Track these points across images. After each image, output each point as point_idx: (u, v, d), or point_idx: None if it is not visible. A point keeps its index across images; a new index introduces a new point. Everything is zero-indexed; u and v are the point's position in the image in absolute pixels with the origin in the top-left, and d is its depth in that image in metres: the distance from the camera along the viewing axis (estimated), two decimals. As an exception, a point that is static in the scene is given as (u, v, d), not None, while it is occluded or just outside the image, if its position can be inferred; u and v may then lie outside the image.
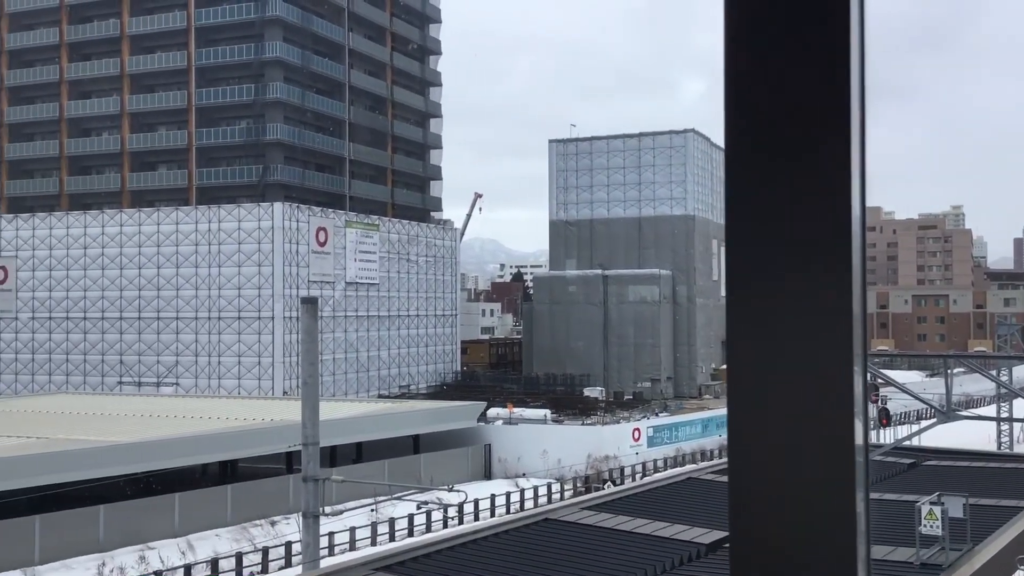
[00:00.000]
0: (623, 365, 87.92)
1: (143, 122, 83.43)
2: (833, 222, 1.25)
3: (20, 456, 39.26)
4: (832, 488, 1.22)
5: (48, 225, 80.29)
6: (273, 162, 78.98)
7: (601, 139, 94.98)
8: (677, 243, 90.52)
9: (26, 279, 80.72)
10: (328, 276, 77.44)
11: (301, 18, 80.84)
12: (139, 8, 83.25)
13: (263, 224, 73.40)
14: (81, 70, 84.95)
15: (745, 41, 1.29)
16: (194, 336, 75.27)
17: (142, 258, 77.00)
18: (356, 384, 79.88)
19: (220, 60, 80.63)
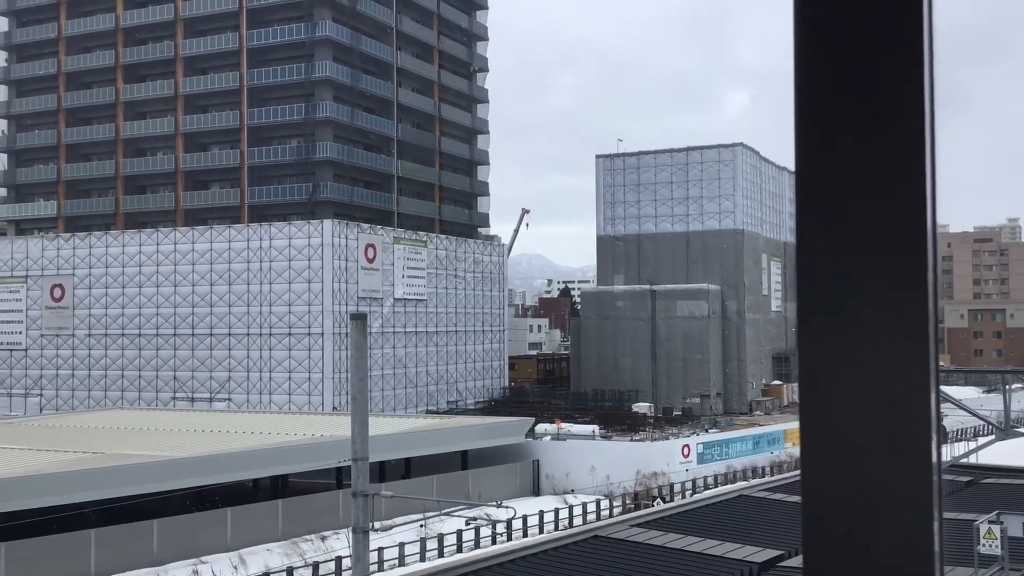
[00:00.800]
0: (672, 381, 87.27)
1: (196, 142, 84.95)
2: (908, 236, 1.22)
3: (76, 471, 40.00)
4: (911, 508, 1.18)
5: (104, 244, 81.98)
6: (323, 180, 79.91)
7: (648, 154, 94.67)
8: (726, 258, 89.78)
9: (83, 297, 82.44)
10: (377, 292, 78.03)
11: (350, 38, 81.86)
12: (192, 30, 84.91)
13: (313, 241, 74.25)
14: (136, 91, 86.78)
15: (816, 53, 1.25)
16: (246, 352, 76.25)
17: (195, 275, 78.28)
18: (404, 400, 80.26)
19: (271, 80, 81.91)
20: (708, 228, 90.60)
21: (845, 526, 1.22)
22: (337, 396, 72.85)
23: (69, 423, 60.34)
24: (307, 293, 74.39)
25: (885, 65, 1.22)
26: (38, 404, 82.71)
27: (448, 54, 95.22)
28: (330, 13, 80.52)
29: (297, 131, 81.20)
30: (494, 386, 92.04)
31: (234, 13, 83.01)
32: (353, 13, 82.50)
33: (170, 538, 40.44)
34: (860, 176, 1.26)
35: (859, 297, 1.25)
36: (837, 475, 1.24)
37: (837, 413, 1.25)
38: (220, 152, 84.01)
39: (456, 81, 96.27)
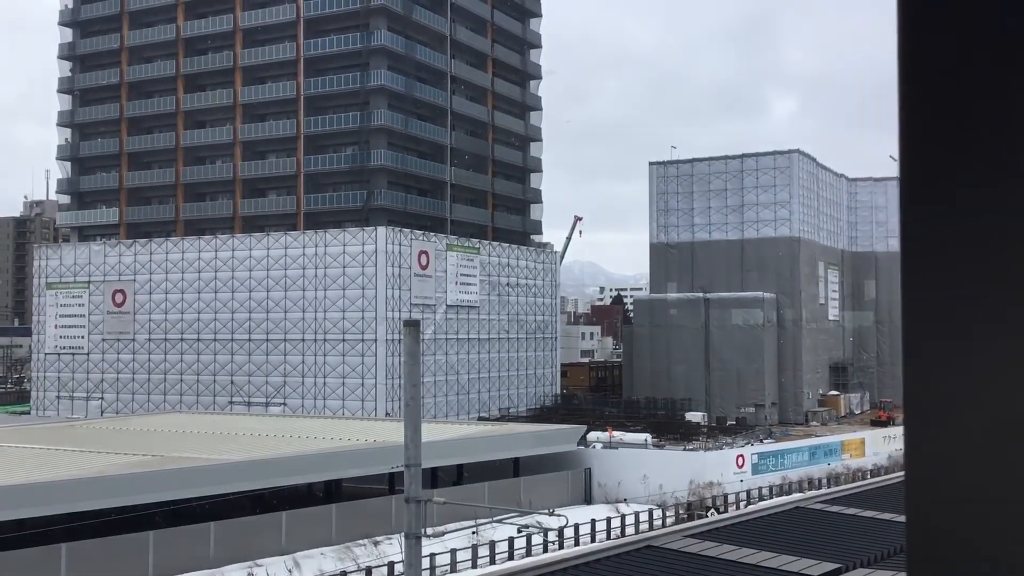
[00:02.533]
0: (725, 390, 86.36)
1: (254, 150, 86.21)
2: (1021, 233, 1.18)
3: (136, 473, 40.75)
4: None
5: (164, 250, 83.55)
6: (377, 187, 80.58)
7: (702, 161, 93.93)
8: (782, 266, 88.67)
9: (143, 302, 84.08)
10: (429, 299, 78.44)
11: (405, 47, 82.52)
12: (251, 40, 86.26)
13: (367, 248, 74.90)
14: (196, 101, 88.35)
15: (923, 53, 1.21)
16: (301, 357, 77.13)
17: (252, 281, 79.41)
18: (456, 406, 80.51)
19: (327, 89, 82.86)
20: (763, 236, 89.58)
21: (955, 535, 1.17)
22: (390, 402, 73.33)
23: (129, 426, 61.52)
24: (361, 299, 75.04)
25: (1000, 69, 1.17)
26: (99, 407, 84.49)
27: (502, 62, 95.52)
28: (386, 22, 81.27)
29: (352, 139, 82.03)
30: (546, 393, 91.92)
31: (292, 23, 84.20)
32: (408, 22, 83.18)
33: (226, 541, 40.98)
34: (971, 168, 1.22)
35: (970, 293, 1.21)
36: (947, 484, 1.18)
37: (948, 419, 1.20)
38: (277, 160, 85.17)
39: (509, 88, 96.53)
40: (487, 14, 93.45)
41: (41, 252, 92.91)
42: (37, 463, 42.98)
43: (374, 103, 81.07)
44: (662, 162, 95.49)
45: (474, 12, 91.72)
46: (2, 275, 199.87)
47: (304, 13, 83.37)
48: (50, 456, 45.34)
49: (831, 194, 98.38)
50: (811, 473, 60.97)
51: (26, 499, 36.23)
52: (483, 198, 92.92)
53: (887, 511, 22.97)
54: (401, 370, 68.19)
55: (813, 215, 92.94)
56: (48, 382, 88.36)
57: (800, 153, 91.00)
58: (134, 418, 70.32)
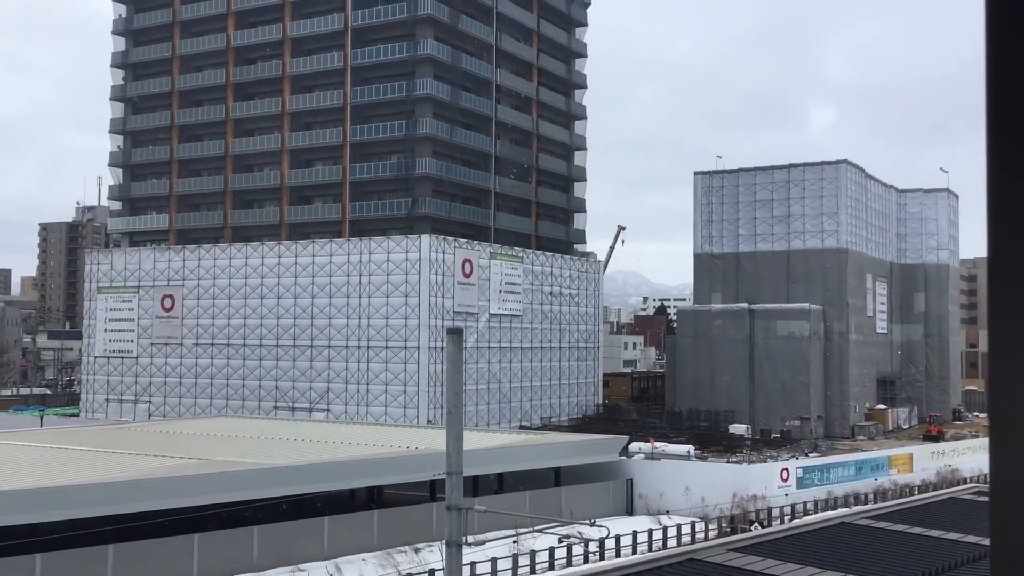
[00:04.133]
0: (770, 402, 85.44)
1: (301, 158, 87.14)
2: None
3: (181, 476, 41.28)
4: None
5: (212, 256, 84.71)
6: (422, 195, 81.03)
7: (748, 171, 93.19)
8: (829, 277, 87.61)
9: (191, 307, 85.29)
10: (472, 307, 78.63)
11: (451, 56, 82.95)
12: (300, 50, 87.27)
13: (411, 256, 75.31)
14: (245, 109, 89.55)
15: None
16: (344, 364, 77.69)
17: (297, 288, 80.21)
18: (498, 414, 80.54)
19: (373, 98, 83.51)
20: (810, 247, 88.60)
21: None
22: (432, 409, 73.56)
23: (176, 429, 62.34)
24: (404, 307, 75.44)
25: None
26: (147, 410, 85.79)
27: (547, 71, 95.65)
28: (432, 32, 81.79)
29: (398, 147, 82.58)
30: (588, 403, 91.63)
31: (339, 33, 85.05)
32: (454, 32, 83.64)
33: (269, 544, 41.34)
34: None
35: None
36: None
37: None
38: (323, 168, 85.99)
39: (554, 98, 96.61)
40: (533, 24, 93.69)
41: (93, 257, 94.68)
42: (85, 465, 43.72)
43: (420, 112, 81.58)
44: (707, 172, 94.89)
45: (520, 22, 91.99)
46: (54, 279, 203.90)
47: (352, 23, 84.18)
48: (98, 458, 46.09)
49: (880, 205, 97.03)
50: (857, 488, 60.04)
51: (75, 500, 36.84)
52: (527, 207, 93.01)
53: (936, 528, 22.54)
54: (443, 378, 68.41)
55: (861, 226, 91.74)
56: (97, 385, 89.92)
57: (848, 164, 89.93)
58: (181, 421, 71.27)
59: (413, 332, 74.91)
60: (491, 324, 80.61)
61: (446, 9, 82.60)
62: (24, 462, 45.00)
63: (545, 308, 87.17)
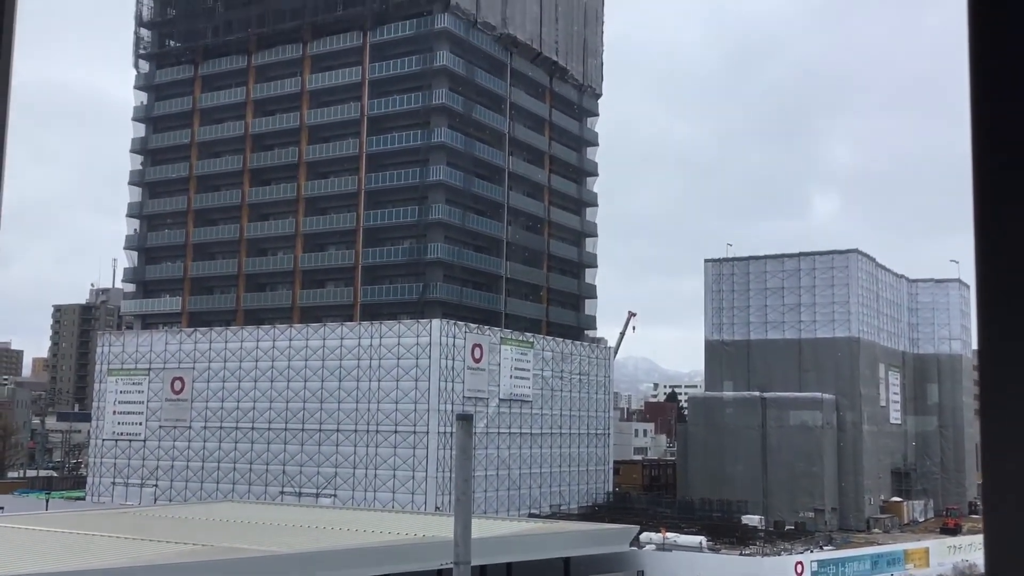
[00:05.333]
0: (784, 493, 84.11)
1: (315, 242, 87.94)
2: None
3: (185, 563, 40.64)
4: None
5: (224, 339, 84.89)
6: (433, 280, 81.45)
7: (759, 259, 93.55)
8: (841, 366, 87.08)
9: (201, 390, 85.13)
10: (482, 392, 78.29)
11: (464, 144, 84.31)
12: (316, 137, 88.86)
13: (421, 340, 75.33)
14: (261, 194, 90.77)
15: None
16: (352, 448, 77.12)
17: (307, 371, 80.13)
18: (507, 501, 79.46)
19: (387, 184, 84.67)
20: (821, 336, 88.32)
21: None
22: (440, 495, 72.65)
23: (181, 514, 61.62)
24: (414, 391, 75.17)
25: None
26: (153, 495, 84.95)
27: (558, 159, 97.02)
28: (446, 121, 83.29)
29: (410, 232, 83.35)
30: (598, 491, 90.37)
31: (356, 121, 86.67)
32: (468, 120, 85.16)
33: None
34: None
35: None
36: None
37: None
38: (336, 252, 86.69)
39: (566, 185, 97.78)
40: (545, 113, 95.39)
41: (105, 339, 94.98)
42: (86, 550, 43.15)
43: (432, 198, 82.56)
44: (717, 259, 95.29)
45: (533, 111, 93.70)
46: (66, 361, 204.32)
47: (368, 112, 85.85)
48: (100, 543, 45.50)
49: (891, 295, 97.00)
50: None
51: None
52: (538, 292, 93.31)
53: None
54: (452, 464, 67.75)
55: (873, 315, 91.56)
56: (104, 468, 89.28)
57: (858, 253, 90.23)
58: (186, 506, 70.49)
59: (422, 417, 74.48)
60: (501, 409, 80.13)
61: (460, 99, 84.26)
62: (25, 547, 44.45)
63: (555, 394, 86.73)
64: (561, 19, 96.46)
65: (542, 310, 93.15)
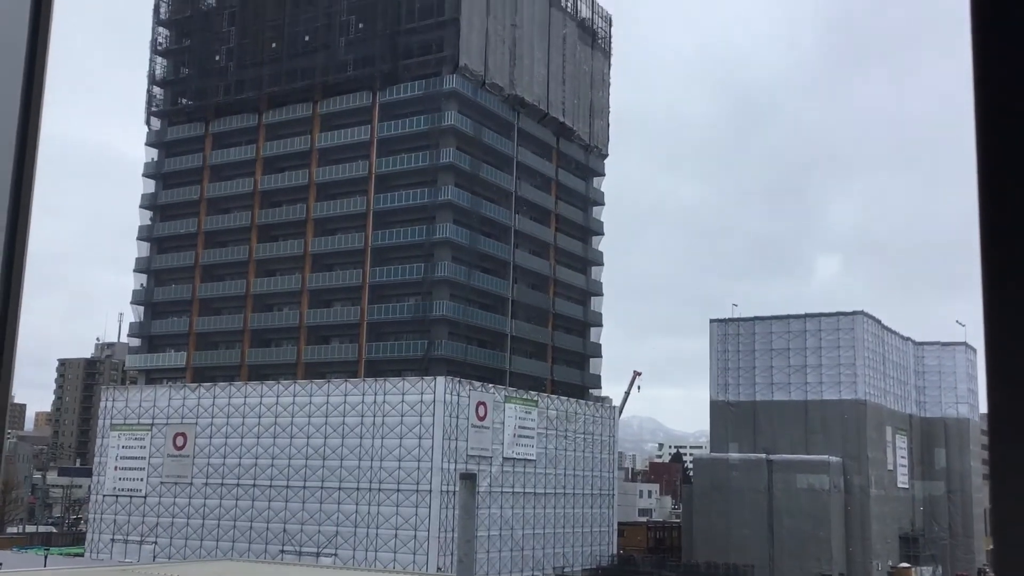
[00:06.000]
0: (791, 557, 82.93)
1: (320, 298, 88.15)
2: None
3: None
4: None
5: (228, 394, 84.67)
6: (438, 338, 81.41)
7: (764, 319, 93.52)
8: (848, 429, 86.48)
9: (203, 446, 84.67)
10: (486, 451, 77.76)
11: (471, 202, 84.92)
12: (324, 194, 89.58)
13: (425, 397, 75.06)
14: (268, 250, 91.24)
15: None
16: (354, 507, 76.37)
17: (311, 428, 79.73)
18: (510, 563, 78.42)
19: (394, 241, 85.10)
20: (828, 398, 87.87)
21: None
22: (443, 556, 71.74)
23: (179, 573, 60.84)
24: (417, 449, 74.68)
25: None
26: (152, 552, 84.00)
27: (564, 218, 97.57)
28: (453, 179, 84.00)
29: (416, 290, 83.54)
30: (602, 553, 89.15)
31: (364, 179, 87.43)
32: (475, 179, 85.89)
33: None
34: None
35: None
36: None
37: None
38: (342, 308, 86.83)
39: (571, 244, 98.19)
40: (552, 173, 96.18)
41: (108, 393, 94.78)
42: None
43: (438, 255, 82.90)
44: (723, 320, 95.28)
45: (540, 171, 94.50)
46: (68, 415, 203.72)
47: (376, 170, 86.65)
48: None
49: (897, 357, 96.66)
50: (883, 651, 57.54)
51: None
52: (543, 351, 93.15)
53: None
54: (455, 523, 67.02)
55: (879, 378, 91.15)
56: (104, 524, 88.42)
57: (864, 315, 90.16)
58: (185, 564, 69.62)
59: (425, 475, 73.87)
60: (504, 468, 79.47)
61: (467, 158, 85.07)
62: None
63: (559, 453, 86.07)
64: (568, 81, 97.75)
65: (547, 368, 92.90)
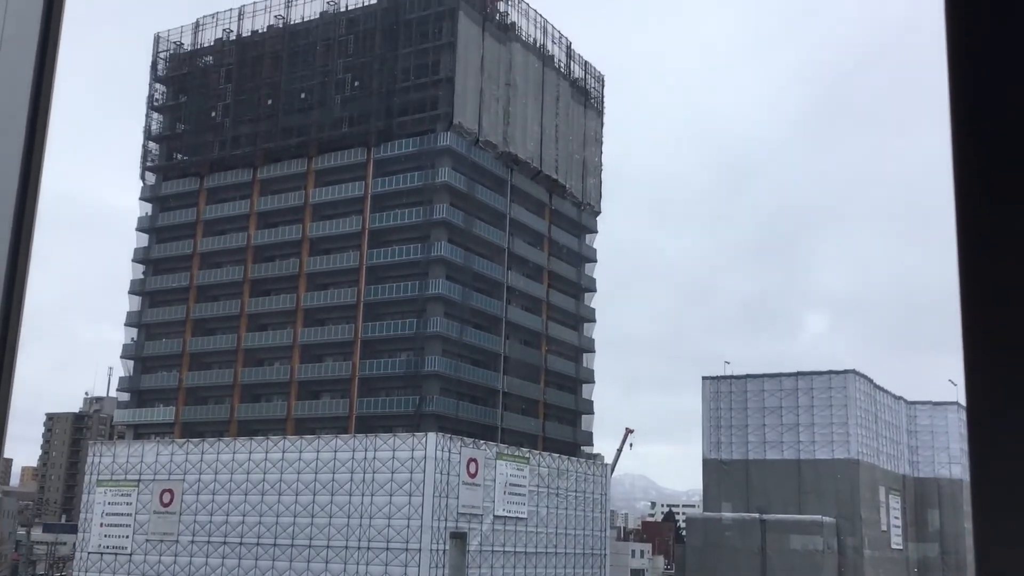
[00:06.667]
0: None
1: (312, 353, 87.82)
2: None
3: None
4: None
5: (216, 450, 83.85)
6: (429, 393, 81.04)
7: (756, 377, 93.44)
8: (841, 489, 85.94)
9: (190, 503, 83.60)
10: (477, 508, 76.94)
11: (464, 258, 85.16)
12: (317, 249, 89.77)
13: (416, 454, 74.46)
14: (260, 305, 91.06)
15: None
16: (343, 566, 75.28)
17: (299, 484, 78.87)
18: (500, 625, 77.13)
19: (386, 296, 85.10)
20: (820, 457, 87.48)
21: None
22: (431, 617, 70.55)
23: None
24: (407, 507, 73.87)
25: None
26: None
27: (557, 275, 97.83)
28: (446, 235, 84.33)
29: (408, 345, 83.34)
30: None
31: (357, 234, 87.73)
32: (468, 235, 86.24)
33: None
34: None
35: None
36: None
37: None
38: (333, 363, 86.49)
39: (564, 300, 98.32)
40: (545, 229, 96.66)
41: (96, 449, 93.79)
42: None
43: (431, 311, 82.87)
44: (715, 377, 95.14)
45: (533, 227, 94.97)
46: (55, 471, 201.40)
47: (369, 225, 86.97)
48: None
49: (890, 416, 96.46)
50: None
51: None
52: (534, 407, 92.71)
53: None
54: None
55: (872, 437, 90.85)
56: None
57: (856, 373, 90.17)
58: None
59: (415, 534, 72.95)
60: (495, 527, 78.55)
61: (461, 214, 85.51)
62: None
63: (551, 512, 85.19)
64: (561, 139, 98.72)
65: (539, 425, 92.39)
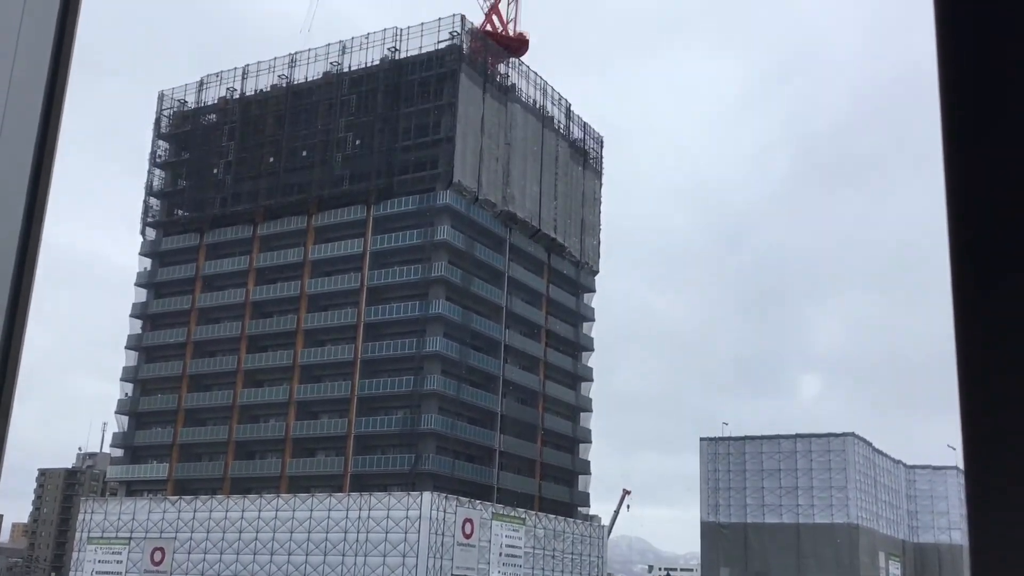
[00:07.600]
0: None
1: (308, 410, 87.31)
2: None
3: None
4: None
5: (209, 508, 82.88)
6: (425, 452, 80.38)
7: (755, 439, 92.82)
8: (840, 554, 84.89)
9: (181, 561, 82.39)
10: (472, 570, 75.85)
11: (461, 316, 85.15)
12: (315, 305, 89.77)
13: (411, 514, 73.62)
14: (257, 360, 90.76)
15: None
16: (334, 628, 73.94)
17: (292, 544, 77.84)
18: None
19: (383, 353, 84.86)
20: (819, 521, 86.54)
21: None
22: None
23: None
24: (401, 568, 72.80)
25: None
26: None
27: (555, 333, 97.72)
28: (444, 293, 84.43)
29: (404, 403, 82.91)
30: None
31: (355, 291, 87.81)
32: (466, 293, 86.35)
33: None
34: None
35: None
36: None
37: None
38: (329, 420, 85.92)
39: (561, 359, 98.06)
40: (543, 288, 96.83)
41: (87, 505, 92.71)
42: None
43: (428, 369, 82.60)
44: (713, 438, 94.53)
45: (531, 286, 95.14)
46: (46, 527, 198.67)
47: (368, 282, 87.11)
48: None
49: (888, 480, 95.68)
50: None
51: None
52: (531, 467, 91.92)
53: None
54: (438, 647, 64.79)
55: (871, 501, 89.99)
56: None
57: (855, 436, 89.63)
58: None
59: (409, 596, 71.79)
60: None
61: (459, 272, 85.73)
62: None
63: (547, 574, 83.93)
64: (560, 199, 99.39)
65: (535, 485, 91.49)
